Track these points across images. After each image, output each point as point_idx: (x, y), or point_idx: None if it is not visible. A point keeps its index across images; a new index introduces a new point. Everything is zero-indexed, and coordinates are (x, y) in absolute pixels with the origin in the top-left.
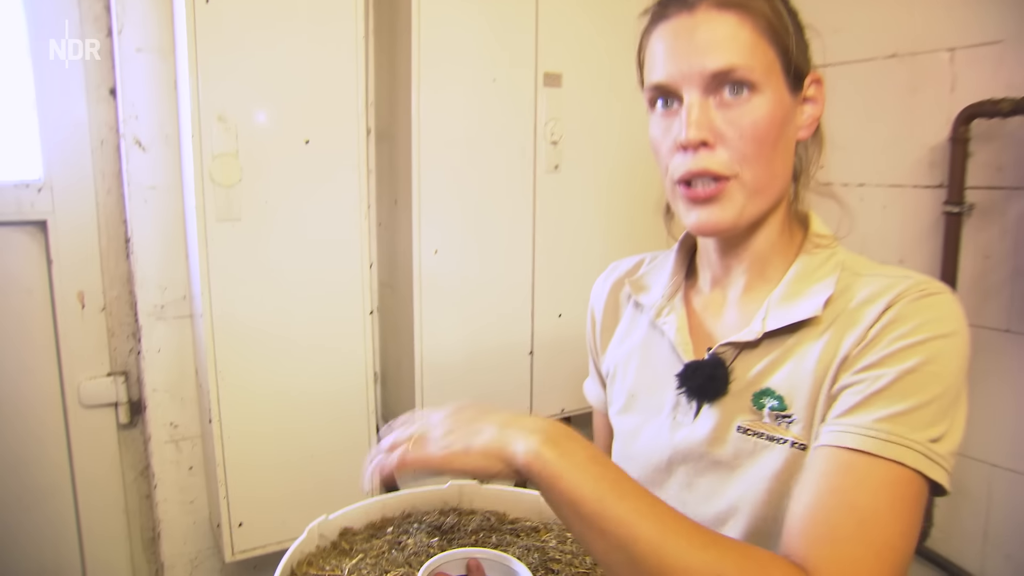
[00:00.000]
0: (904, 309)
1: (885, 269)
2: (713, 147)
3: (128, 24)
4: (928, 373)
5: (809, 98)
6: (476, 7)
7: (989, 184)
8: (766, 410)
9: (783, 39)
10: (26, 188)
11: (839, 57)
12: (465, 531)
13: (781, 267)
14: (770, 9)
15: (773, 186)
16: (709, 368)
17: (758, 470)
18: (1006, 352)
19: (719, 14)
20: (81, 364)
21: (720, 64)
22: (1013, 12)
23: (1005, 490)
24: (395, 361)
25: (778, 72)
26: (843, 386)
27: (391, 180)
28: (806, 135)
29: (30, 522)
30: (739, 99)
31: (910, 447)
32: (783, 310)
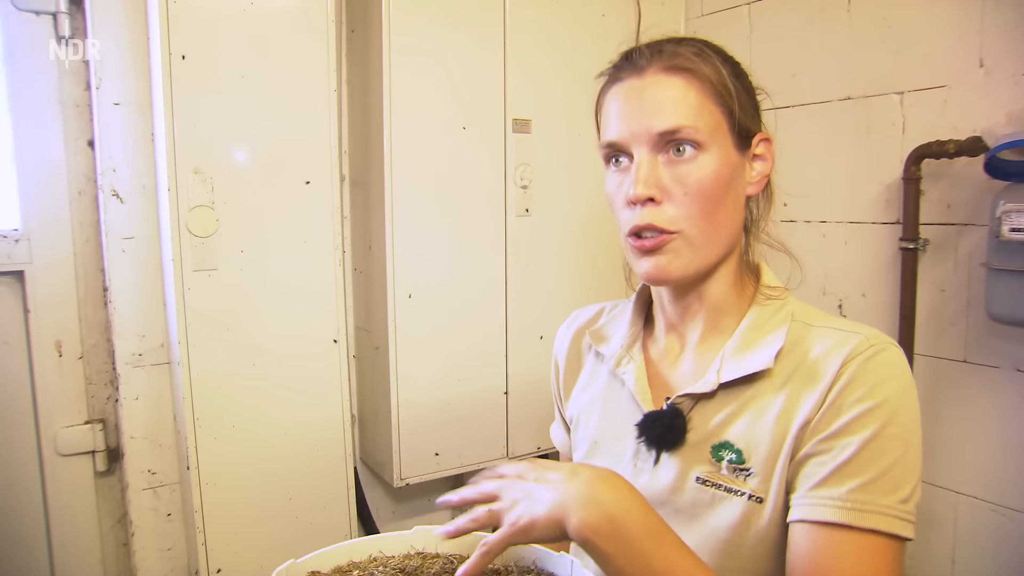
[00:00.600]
0: (858, 371)
1: (834, 321)
2: (660, 203)
3: (106, 78)
4: (889, 436)
5: (758, 156)
6: (446, 57)
7: (941, 220)
8: (724, 463)
9: (728, 101)
10: (3, 239)
11: (797, 99)
12: (428, 573)
13: (735, 317)
14: (715, 73)
15: (718, 240)
16: (667, 418)
17: (715, 520)
18: (964, 382)
19: (667, 77)
20: (58, 412)
21: (666, 125)
22: (955, 58)
23: (969, 517)
24: (372, 403)
25: (724, 132)
26: (808, 454)
27: (365, 226)
28: (755, 191)
29: (3, 573)
30: (685, 158)
31: (884, 513)
32: (737, 362)
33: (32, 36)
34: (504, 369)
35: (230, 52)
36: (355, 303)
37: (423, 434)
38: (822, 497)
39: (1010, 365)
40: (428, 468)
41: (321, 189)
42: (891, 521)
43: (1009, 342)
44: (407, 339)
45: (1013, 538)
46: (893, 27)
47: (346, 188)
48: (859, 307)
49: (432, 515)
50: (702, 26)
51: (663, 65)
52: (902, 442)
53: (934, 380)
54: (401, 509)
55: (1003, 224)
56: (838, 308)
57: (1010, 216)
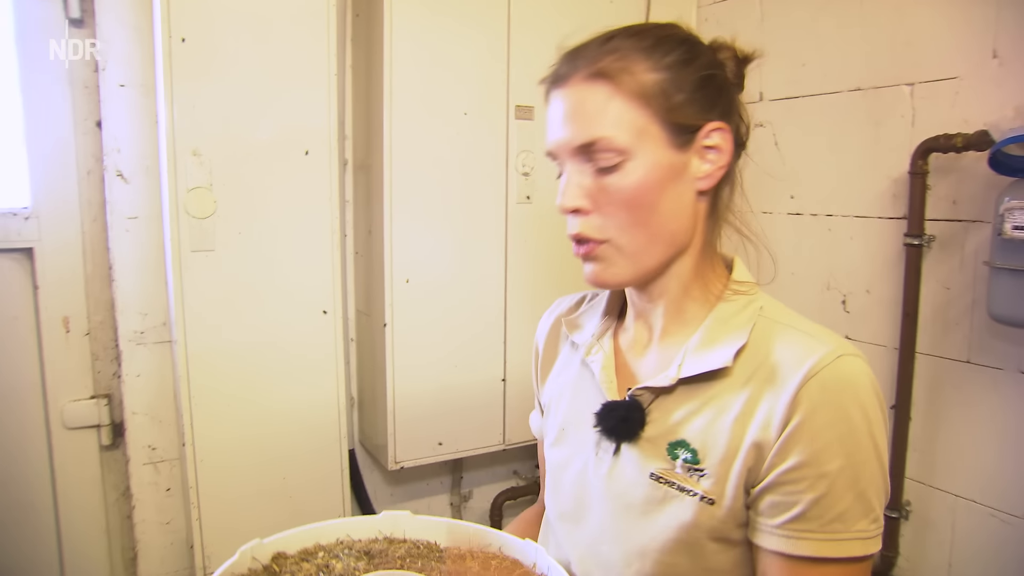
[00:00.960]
0: (820, 392)
1: (802, 323)
2: (588, 213)
3: (112, 60)
4: (859, 463)
5: (711, 147)
6: (448, 42)
7: (947, 216)
8: (679, 461)
9: (663, 99)
10: (14, 216)
11: (807, 89)
12: (393, 557)
13: (700, 312)
14: (645, 72)
15: (654, 246)
16: (623, 410)
17: (666, 518)
18: (967, 383)
19: (589, 85)
20: (65, 387)
21: (583, 138)
22: (968, 49)
23: (968, 520)
24: (371, 389)
25: (654, 134)
26: (776, 483)
27: (367, 210)
28: (707, 186)
29: (11, 540)
30: (609, 168)
31: (859, 538)
32: (698, 358)
33: (43, 18)
34: (503, 356)
35: (231, 36)
36: (356, 287)
37: (419, 418)
38: (799, 530)
39: (1014, 367)
40: (423, 452)
41: (319, 173)
42: (865, 544)
43: (1014, 344)
44: (404, 324)
45: (1011, 544)
46: (906, 16)
47: (349, 172)
48: (863, 303)
49: (430, 499)
50: (714, 13)
51: (584, 74)
52: (871, 466)
53: (936, 380)
54: (399, 492)
55: (1006, 221)
56: (842, 304)
57: (1013, 213)
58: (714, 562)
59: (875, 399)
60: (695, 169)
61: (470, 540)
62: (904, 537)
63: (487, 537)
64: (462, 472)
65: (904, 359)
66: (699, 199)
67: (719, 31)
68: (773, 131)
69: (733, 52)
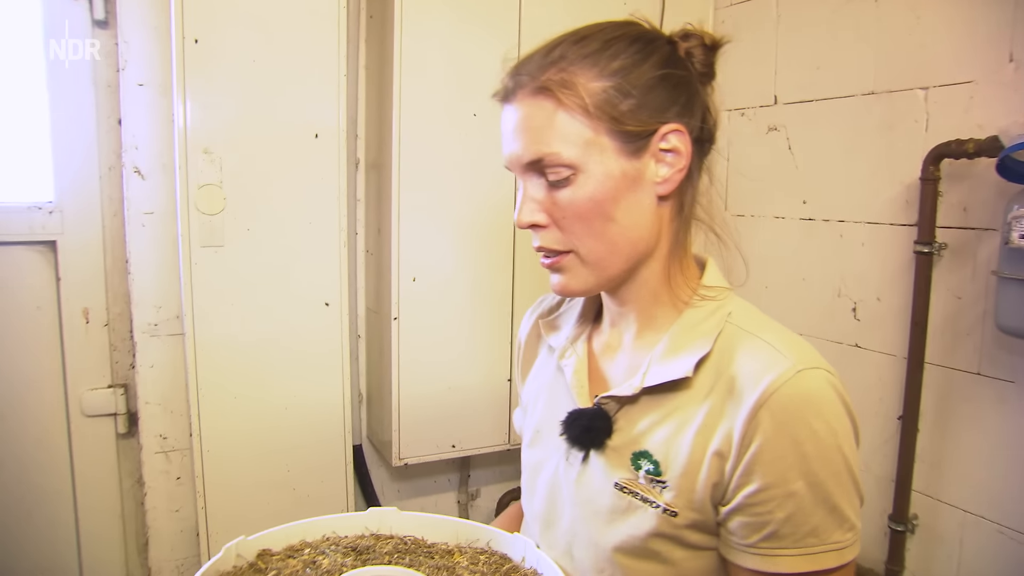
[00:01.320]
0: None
1: (768, 332)
2: (546, 226)
3: (131, 61)
4: (827, 477)
5: (668, 150)
6: (459, 44)
7: (959, 224)
8: (642, 472)
9: (609, 107)
10: (38, 210)
11: (821, 93)
12: (380, 553)
13: (670, 317)
14: (590, 80)
15: (615, 255)
16: (586, 419)
17: (629, 528)
18: (977, 396)
19: (533, 100)
20: (84, 376)
21: (530, 156)
22: (984, 52)
23: (977, 538)
24: (378, 386)
25: (603, 145)
26: (743, 505)
27: (377, 209)
28: (666, 190)
29: (31, 523)
30: (560, 182)
31: (835, 548)
32: (662, 367)
33: (70, 18)
34: (509, 356)
35: (242, 37)
36: (367, 285)
37: (425, 416)
38: (773, 548)
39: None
40: (427, 449)
41: (328, 173)
42: (841, 554)
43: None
44: (410, 321)
45: (1021, 562)
46: (922, 18)
47: (361, 171)
48: (874, 311)
49: (437, 496)
50: (730, 15)
51: (528, 89)
52: (840, 476)
53: (945, 392)
54: (406, 488)
55: (1013, 230)
56: (852, 311)
57: (1021, 221)
58: (684, 568)
59: (840, 409)
60: (652, 174)
61: (458, 535)
62: (910, 551)
63: (475, 532)
64: (469, 470)
65: (912, 369)
66: (661, 204)
67: (736, 33)
68: (787, 135)
69: (701, 40)
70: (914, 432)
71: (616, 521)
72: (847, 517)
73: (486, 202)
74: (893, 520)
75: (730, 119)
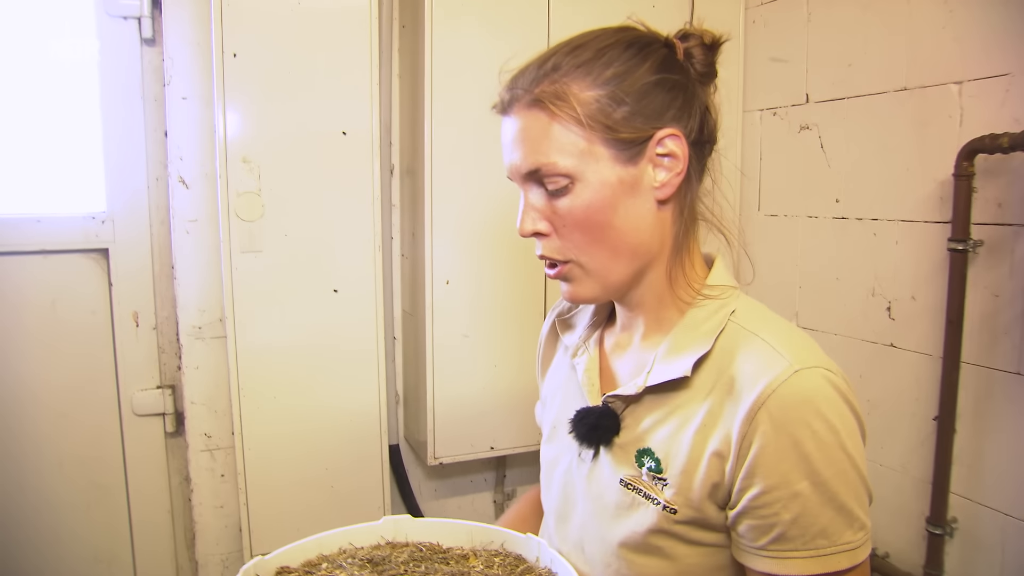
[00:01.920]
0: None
1: (769, 331)
2: (548, 235)
3: (176, 75)
4: (831, 477)
5: (665, 154)
6: (488, 50)
7: (995, 220)
8: (644, 469)
9: (603, 117)
10: (92, 220)
11: (853, 90)
12: (396, 562)
13: (675, 317)
14: (584, 91)
15: (617, 262)
16: (593, 417)
17: (632, 523)
18: (1017, 396)
19: (528, 112)
20: (135, 377)
21: (528, 166)
22: (1019, 44)
23: (1019, 542)
24: (415, 386)
25: (598, 154)
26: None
27: (412, 213)
28: (665, 194)
29: (90, 516)
30: (559, 192)
31: (844, 550)
32: (664, 366)
33: (121, 38)
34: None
35: (278, 50)
36: (402, 288)
37: (459, 416)
38: (783, 550)
39: None
40: (462, 449)
41: (363, 179)
42: (853, 555)
43: None
44: (444, 323)
45: None
46: (955, 11)
47: (396, 178)
48: (908, 310)
49: (474, 495)
50: (761, 15)
51: (524, 102)
52: (847, 474)
53: (984, 392)
54: (443, 488)
55: None
56: (887, 311)
57: None
58: (686, 564)
59: (841, 407)
60: (650, 179)
61: (472, 539)
62: (949, 555)
63: (489, 534)
64: (505, 470)
65: (948, 369)
66: (661, 208)
67: (766, 32)
68: (819, 133)
69: (700, 39)
70: (951, 433)
71: (621, 517)
72: (856, 516)
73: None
74: (931, 523)
75: (762, 119)
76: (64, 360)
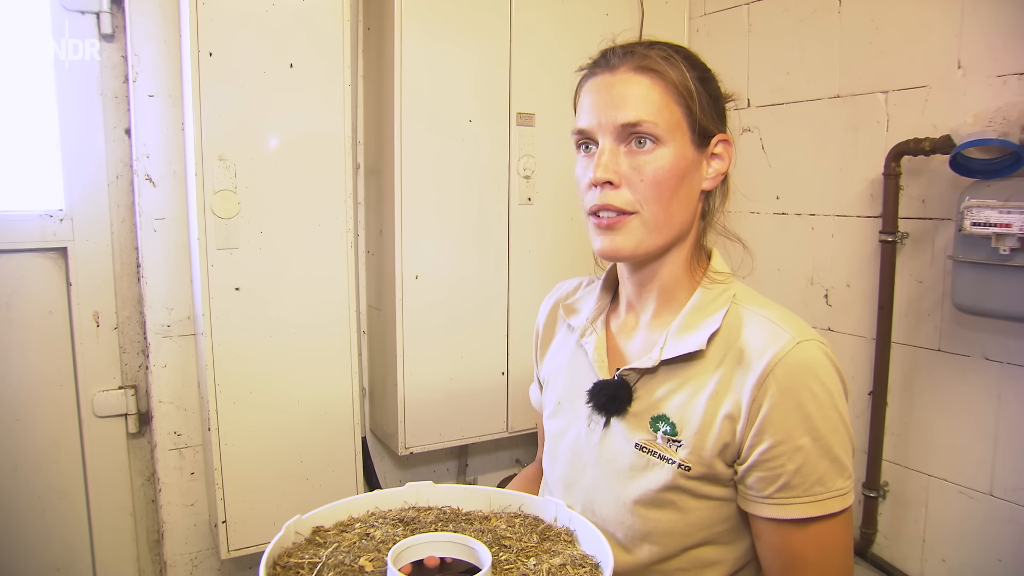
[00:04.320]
0: (787, 379)
1: (769, 309)
2: (618, 187)
3: (142, 73)
4: (828, 432)
5: (716, 155)
6: (454, 54)
7: (919, 215)
8: (660, 433)
9: (689, 103)
10: (49, 218)
11: (791, 96)
12: (425, 522)
13: (684, 298)
14: (680, 77)
15: (670, 226)
16: (612, 388)
17: (647, 482)
18: (938, 370)
19: (635, 76)
20: (95, 378)
21: (629, 118)
22: (936, 59)
23: (940, 499)
24: (382, 379)
25: (683, 130)
26: (757, 462)
27: (378, 211)
28: (710, 186)
29: (46, 522)
30: (644, 150)
31: (837, 495)
32: (678, 341)
33: (78, 33)
34: (505, 350)
35: (253, 49)
36: (368, 283)
37: (427, 407)
38: (786, 498)
39: (980, 354)
40: (431, 439)
41: (335, 177)
42: (843, 499)
43: (979, 332)
44: (413, 318)
45: (976, 518)
46: (881, 28)
47: (361, 176)
48: (843, 297)
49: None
50: (704, 24)
51: (633, 65)
52: (839, 430)
53: (910, 368)
54: (408, 476)
55: (966, 218)
56: (824, 298)
57: (971, 211)
58: (696, 516)
59: (834, 374)
60: (704, 170)
61: (491, 503)
62: (882, 515)
63: (506, 498)
64: (467, 459)
65: (880, 348)
66: (700, 198)
67: (710, 41)
68: (760, 135)
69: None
70: (883, 406)
71: (636, 477)
72: (846, 466)
73: (482, 203)
74: (866, 487)
75: None
76: (20, 362)
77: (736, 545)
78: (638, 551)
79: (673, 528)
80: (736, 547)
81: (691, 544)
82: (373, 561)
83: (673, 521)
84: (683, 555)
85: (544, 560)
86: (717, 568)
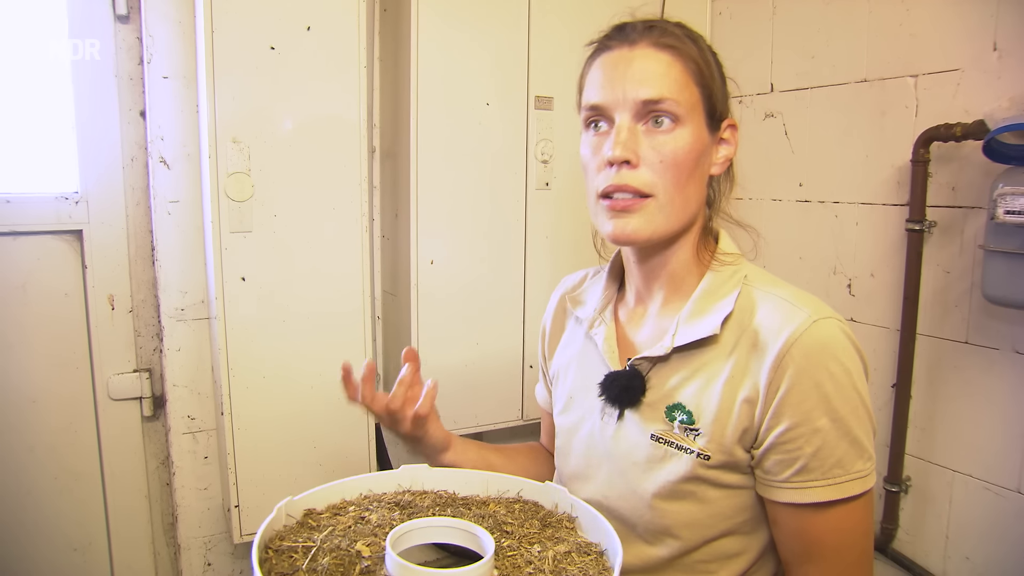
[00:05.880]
0: (804, 359)
1: (782, 289)
2: (636, 166)
3: (157, 54)
4: (847, 413)
5: (724, 140)
6: (471, 36)
7: (948, 203)
8: (676, 423)
9: (708, 83)
10: (65, 200)
11: (816, 81)
12: (422, 507)
13: (693, 283)
14: (700, 56)
15: (685, 209)
16: (625, 379)
17: (666, 474)
18: (965, 363)
19: (656, 52)
20: (110, 361)
21: (651, 94)
22: (970, 41)
23: (965, 495)
24: (396, 365)
25: (700, 111)
26: (775, 444)
27: (393, 195)
28: (718, 171)
29: (63, 503)
30: (663, 129)
31: (857, 477)
32: (689, 327)
33: (93, 13)
34: (522, 335)
35: (267, 31)
36: (383, 268)
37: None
38: (804, 481)
39: (1009, 347)
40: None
41: (350, 160)
42: (864, 481)
43: (1009, 324)
44: (428, 304)
45: (1003, 514)
46: (911, 9)
47: (376, 159)
48: (867, 287)
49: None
50: (727, 7)
51: (653, 40)
52: (858, 415)
53: (936, 360)
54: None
55: (999, 206)
56: (847, 288)
57: (1005, 199)
58: (717, 507)
59: (852, 352)
60: (713, 153)
61: (488, 487)
62: (904, 511)
63: (506, 482)
64: None
65: (905, 340)
66: (709, 181)
67: (732, 24)
68: (783, 120)
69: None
70: (907, 399)
71: (653, 469)
72: (866, 448)
73: (499, 188)
74: (888, 482)
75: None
76: (36, 345)
77: (758, 535)
78: (659, 545)
79: (694, 520)
80: (758, 537)
81: (713, 536)
82: (370, 546)
83: (693, 513)
84: (705, 547)
85: (549, 547)
86: (740, 560)
